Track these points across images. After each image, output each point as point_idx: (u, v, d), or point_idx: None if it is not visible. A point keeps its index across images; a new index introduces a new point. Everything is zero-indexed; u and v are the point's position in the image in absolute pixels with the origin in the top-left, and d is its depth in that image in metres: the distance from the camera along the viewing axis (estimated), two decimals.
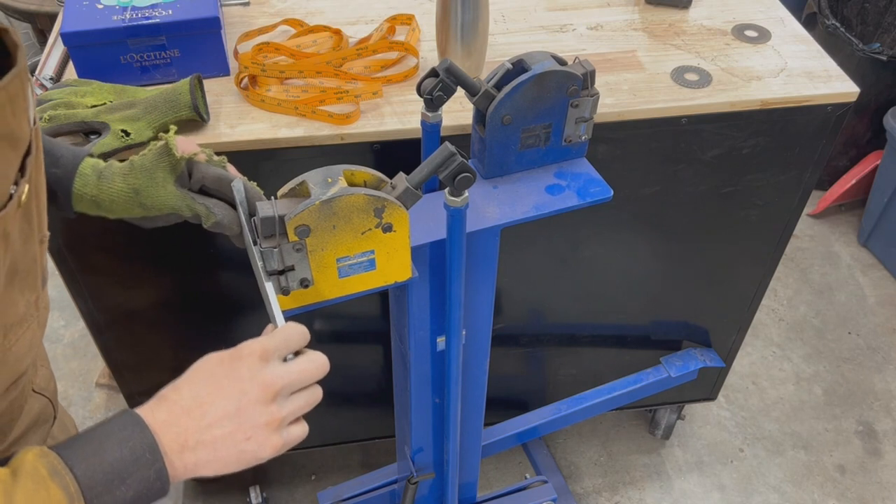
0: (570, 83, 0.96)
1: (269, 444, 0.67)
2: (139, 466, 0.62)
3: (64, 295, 1.32)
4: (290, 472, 1.93)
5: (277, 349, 0.68)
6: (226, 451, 0.66)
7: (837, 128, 1.28)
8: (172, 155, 0.84)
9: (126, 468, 0.62)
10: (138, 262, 1.30)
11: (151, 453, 0.63)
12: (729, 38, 1.34)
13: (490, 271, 1.06)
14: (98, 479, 0.61)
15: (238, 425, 0.65)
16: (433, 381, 1.17)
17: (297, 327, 0.70)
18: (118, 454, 0.62)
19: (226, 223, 0.85)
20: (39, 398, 0.82)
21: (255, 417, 0.66)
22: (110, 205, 0.86)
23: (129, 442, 0.62)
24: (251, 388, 0.66)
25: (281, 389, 0.67)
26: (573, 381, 1.71)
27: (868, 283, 2.46)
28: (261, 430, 0.66)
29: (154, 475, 0.63)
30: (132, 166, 0.85)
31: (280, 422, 0.67)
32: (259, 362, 0.67)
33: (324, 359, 0.70)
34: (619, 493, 1.92)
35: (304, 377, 0.69)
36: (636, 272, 1.50)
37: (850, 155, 2.61)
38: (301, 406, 0.69)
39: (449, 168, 0.81)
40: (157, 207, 0.85)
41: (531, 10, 1.40)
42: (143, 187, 0.84)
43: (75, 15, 1.14)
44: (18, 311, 0.64)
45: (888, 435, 2.05)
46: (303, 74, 1.19)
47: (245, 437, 0.66)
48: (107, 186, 0.85)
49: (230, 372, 0.66)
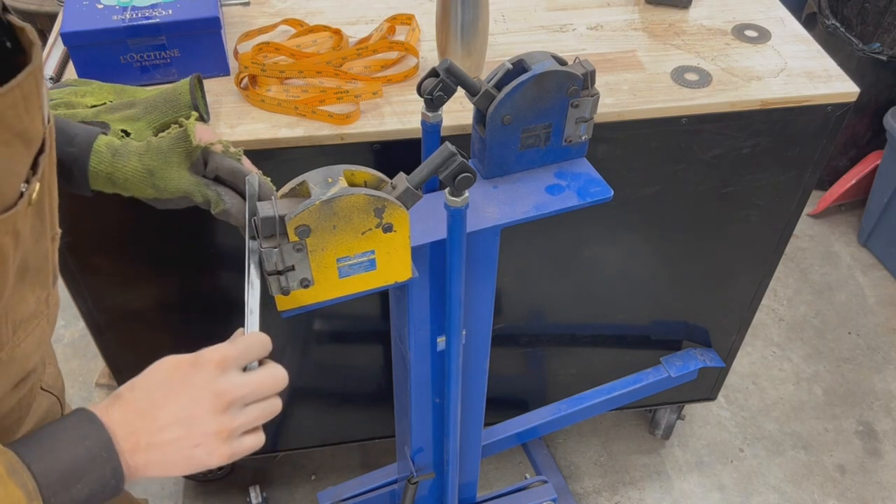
0: (570, 83, 0.96)
1: (218, 452, 0.66)
2: (95, 465, 0.62)
3: (64, 295, 1.31)
4: (290, 472, 1.93)
5: (237, 358, 0.68)
6: (174, 455, 0.65)
7: (837, 128, 1.28)
8: (189, 141, 0.84)
9: (83, 466, 0.61)
10: (138, 263, 1.30)
11: (107, 452, 0.62)
12: (729, 38, 1.34)
13: (490, 271, 1.06)
14: (55, 477, 0.60)
15: (188, 431, 0.65)
16: (433, 381, 1.17)
17: (259, 336, 0.70)
18: (75, 452, 0.61)
19: (234, 213, 0.86)
20: (47, 396, 0.82)
21: (206, 426, 0.65)
22: (124, 183, 0.86)
23: (85, 440, 0.62)
24: (204, 396, 0.65)
25: (234, 400, 0.66)
26: (573, 381, 1.71)
27: (868, 283, 2.46)
28: (210, 439, 0.66)
29: (110, 473, 0.63)
30: (149, 147, 0.86)
31: (231, 432, 0.67)
32: (215, 370, 0.66)
33: (283, 373, 0.70)
34: (619, 493, 1.92)
35: (260, 389, 0.68)
36: (636, 272, 1.50)
37: (850, 155, 2.61)
38: (255, 417, 0.68)
39: (449, 168, 0.81)
40: (169, 190, 0.86)
41: (531, 10, 1.40)
42: (158, 169, 0.85)
43: (75, 15, 1.14)
44: (29, 308, 0.64)
45: (888, 435, 2.05)
46: (303, 74, 1.19)
47: (194, 443, 0.65)
48: (122, 164, 0.85)
49: (185, 378, 0.66)
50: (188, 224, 1.23)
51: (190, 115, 0.87)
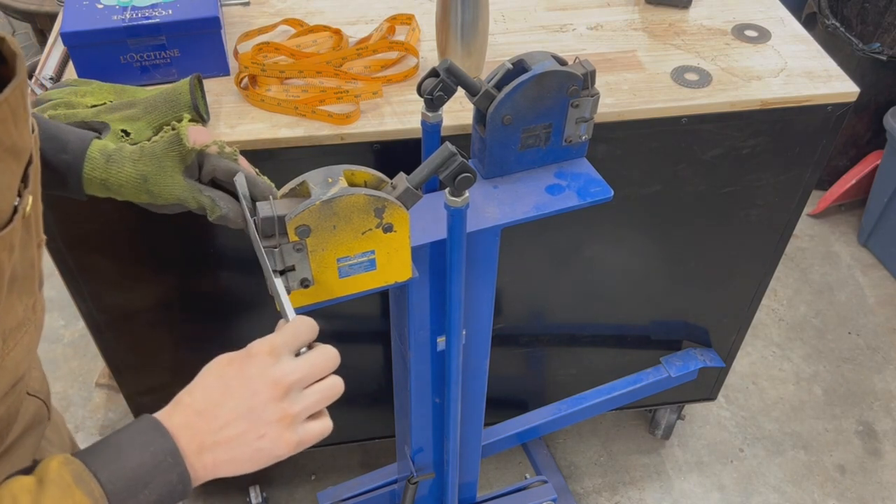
0: (570, 83, 0.96)
1: (284, 441, 0.66)
2: (161, 471, 0.62)
3: (64, 295, 1.32)
4: (290, 471, 1.93)
5: (286, 344, 0.68)
6: (241, 450, 0.65)
7: (837, 128, 1.28)
8: (183, 145, 0.83)
9: (148, 473, 0.62)
10: (138, 263, 1.30)
11: (173, 457, 0.63)
12: (729, 38, 1.34)
13: (490, 271, 1.06)
14: (121, 484, 0.61)
15: (250, 424, 0.65)
16: (433, 381, 1.17)
17: (305, 321, 0.70)
18: (140, 459, 0.62)
19: (231, 217, 0.85)
20: (34, 400, 0.82)
21: (267, 415, 0.65)
22: (119, 189, 0.85)
23: (150, 447, 0.63)
24: (261, 386, 0.66)
25: (292, 385, 0.66)
26: (573, 381, 1.71)
27: (868, 283, 2.46)
28: (274, 428, 0.66)
29: (177, 478, 0.63)
30: (142, 152, 0.85)
31: (293, 418, 0.66)
32: (268, 359, 0.67)
33: (334, 351, 0.70)
34: (619, 493, 1.92)
35: (314, 371, 0.68)
36: (636, 272, 1.50)
37: (850, 155, 2.61)
38: (316, 401, 0.68)
39: (449, 168, 0.81)
40: (163, 196, 0.85)
41: (531, 10, 1.40)
42: (152, 175, 0.84)
43: (75, 15, 1.14)
44: (17, 317, 0.64)
45: (888, 435, 2.05)
46: (303, 74, 1.19)
47: (258, 435, 0.65)
48: (116, 170, 0.84)
49: (240, 372, 0.66)
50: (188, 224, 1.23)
51: (183, 118, 0.85)
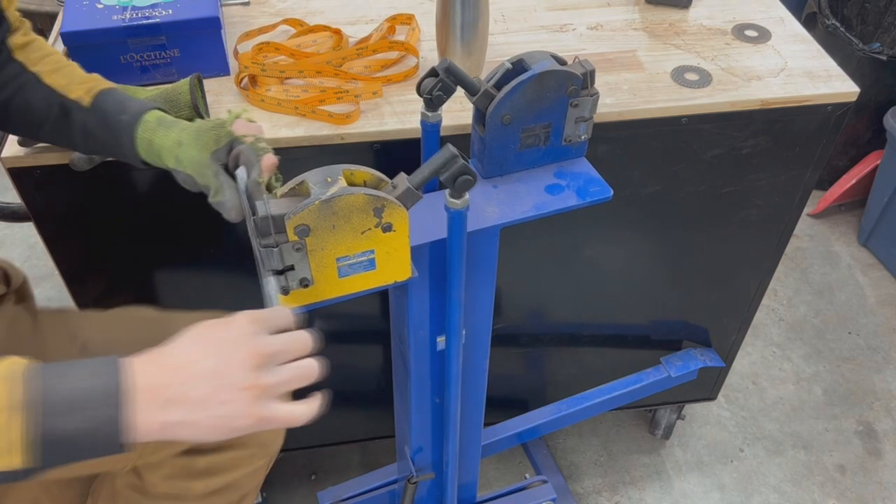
0: (569, 83, 0.96)
1: (246, 411, 0.64)
2: (90, 404, 0.60)
3: (64, 295, 1.32)
4: (290, 472, 1.93)
5: (267, 320, 0.69)
6: (200, 413, 0.63)
7: (837, 128, 1.28)
8: (224, 126, 0.88)
9: (77, 401, 0.60)
10: (139, 263, 1.30)
11: (108, 395, 0.60)
12: (729, 38, 1.34)
13: (490, 271, 1.06)
14: (47, 398, 0.59)
15: (216, 387, 0.63)
16: (433, 381, 1.17)
17: (285, 310, 0.71)
18: (75, 384, 0.60)
19: (228, 206, 0.86)
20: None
21: (237, 380, 0.64)
22: (159, 150, 0.89)
23: (93, 378, 0.61)
24: (237, 349, 0.65)
25: (267, 356, 0.66)
26: (573, 381, 1.71)
27: (868, 283, 2.46)
28: (240, 395, 0.64)
29: (104, 418, 0.60)
30: (192, 123, 0.90)
31: (262, 390, 0.65)
32: (248, 326, 0.67)
33: (308, 336, 0.70)
34: (619, 493, 1.92)
35: (290, 347, 0.68)
36: (636, 272, 1.50)
37: (850, 155, 2.61)
38: (289, 378, 0.67)
39: (450, 170, 0.81)
40: (184, 163, 0.88)
41: (531, 10, 1.40)
42: (186, 141, 0.88)
43: (75, 14, 1.14)
44: None
45: (888, 435, 2.05)
46: (303, 74, 1.19)
47: (221, 400, 0.63)
48: (162, 133, 0.89)
49: (218, 334, 0.66)
50: (189, 224, 1.23)
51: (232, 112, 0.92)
